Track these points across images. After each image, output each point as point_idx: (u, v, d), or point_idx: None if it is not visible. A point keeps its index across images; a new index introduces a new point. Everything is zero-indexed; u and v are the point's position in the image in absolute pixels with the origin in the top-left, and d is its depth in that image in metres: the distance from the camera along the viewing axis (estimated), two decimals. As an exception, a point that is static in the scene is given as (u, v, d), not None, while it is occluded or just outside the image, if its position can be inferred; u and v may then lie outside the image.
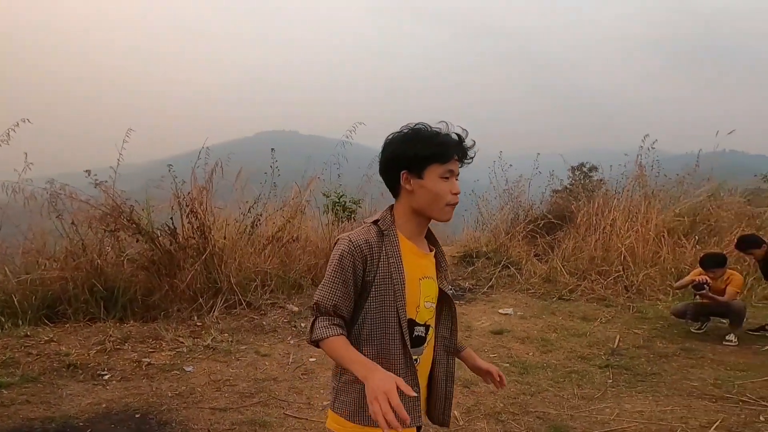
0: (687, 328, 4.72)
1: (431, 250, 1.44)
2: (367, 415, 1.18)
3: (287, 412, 3.06)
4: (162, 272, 4.87)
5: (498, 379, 1.52)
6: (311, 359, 3.94)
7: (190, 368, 3.64)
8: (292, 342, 4.35)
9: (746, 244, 4.54)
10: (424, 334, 1.38)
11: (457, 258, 7.10)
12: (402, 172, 1.33)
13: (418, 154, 1.31)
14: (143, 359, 3.73)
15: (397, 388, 1.13)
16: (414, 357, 1.35)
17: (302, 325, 4.68)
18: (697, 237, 6.55)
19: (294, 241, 6.41)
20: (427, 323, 1.39)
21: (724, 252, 5.06)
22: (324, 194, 7.54)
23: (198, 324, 4.52)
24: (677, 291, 5.40)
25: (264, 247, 5.90)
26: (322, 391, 3.37)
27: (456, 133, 1.36)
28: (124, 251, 4.93)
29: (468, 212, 8.03)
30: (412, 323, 1.35)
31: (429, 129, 1.34)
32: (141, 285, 4.82)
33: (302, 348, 4.15)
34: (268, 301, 5.26)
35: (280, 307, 5.22)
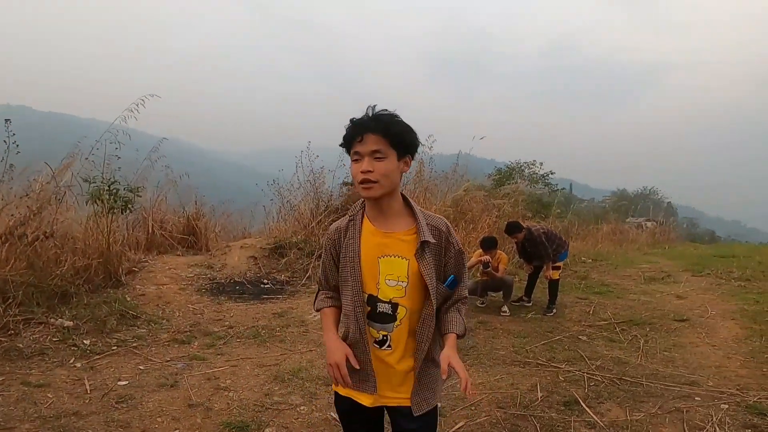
0: (475, 303, 5.72)
1: (413, 226, 1.45)
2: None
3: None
4: None
5: (464, 385, 1.37)
6: (121, 382, 3.20)
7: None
8: (79, 365, 3.42)
9: (512, 228, 5.70)
10: (390, 311, 1.45)
11: (268, 250, 6.68)
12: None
13: (342, 145, 1.44)
14: None
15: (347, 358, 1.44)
16: (382, 333, 1.47)
17: (86, 342, 3.77)
18: (462, 224, 8.05)
19: (47, 237, 4.84)
20: (394, 301, 1.45)
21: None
22: (86, 180, 5.91)
23: None
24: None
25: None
26: (159, 419, 2.76)
27: (353, 117, 1.42)
28: None
29: (273, 202, 7.65)
30: (373, 299, 1.46)
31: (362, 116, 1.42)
32: None
33: (99, 371, 3.36)
34: (18, 317, 3.93)
35: (40, 323, 3.98)
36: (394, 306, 1.45)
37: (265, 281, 6.03)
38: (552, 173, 15.96)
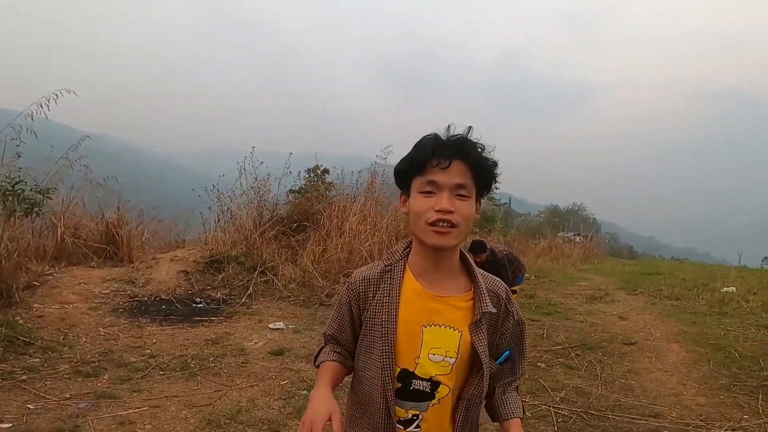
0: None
1: (470, 291, 1.17)
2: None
3: None
4: None
5: None
6: (2, 425, 2.68)
7: None
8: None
9: (476, 248, 5.31)
10: (429, 390, 1.15)
11: (202, 263, 5.97)
12: (401, 195, 1.18)
13: (403, 167, 1.14)
14: None
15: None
16: (412, 412, 1.17)
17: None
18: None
19: None
20: (436, 379, 1.15)
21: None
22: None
23: None
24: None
25: None
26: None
27: (434, 133, 1.12)
28: None
29: (211, 210, 6.93)
30: (407, 375, 1.15)
31: (435, 134, 1.12)
32: None
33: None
34: None
35: None
36: (435, 384, 1.15)
37: (198, 300, 5.34)
38: (496, 188, 16.22)
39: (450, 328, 1.14)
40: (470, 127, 1.12)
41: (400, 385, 1.16)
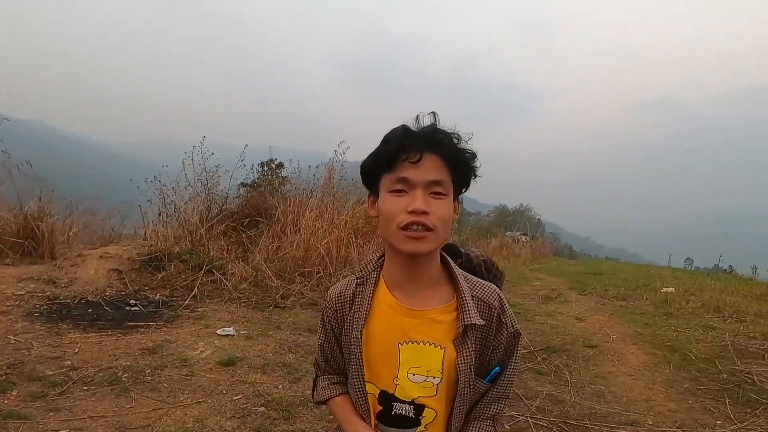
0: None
1: (453, 301, 1.03)
2: None
3: None
4: None
5: None
6: None
7: None
8: None
9: (449, 253, 5.20)
10: (412, 414, 1.03)
11: (139, 262, 5.30)
12: (369, 196, 1.06)
13: (371, 163, 1.00)
14: None
15: None
16: None
17: None
18: (374, 239, 7.42)
19: None
20: (420, 402, 1.02)
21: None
22: None
23: None
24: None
25: None
26: None
27: (402, 125, 0.97)
28: None
29: (151, 203, 6.21)
30: (387, 397, 1.04)
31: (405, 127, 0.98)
32: None
33: None
34: None
35: None
36: (419, 408, 1.02)
37: (133, 302, 4.69)
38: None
39: (431, 344, 1.00)
40: (434, 113, 0.97)
41: (381, 408, 1.05)
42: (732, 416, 3.14)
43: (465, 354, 0.99)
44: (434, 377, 1.00)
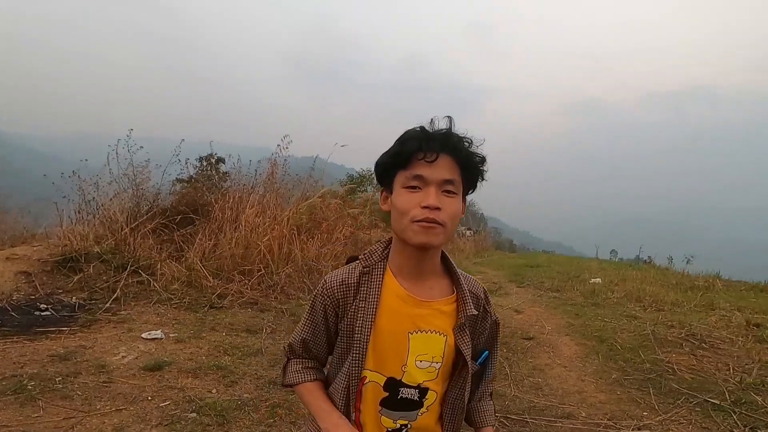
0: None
1: (452, 293, 1.12)
2: None
3: None
4: None
5: None
6: None
7: None
8: None
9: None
10: (417, 398, 1.10)
11: (52, 263, 4.74)
12: (381, 190, 1.11)
13: (387, 160, 1.05)
14: None
15: None
16: (401, 422, 1.10)
17: None
18: (318, 235, 7.19)
19: None
20: (424, 385, 1.10)
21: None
22: None
23: None
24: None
25: None
26: None
27: (420, 126, 1.03)
28: None
29: (68, 199, 5.58)
30: (394, 384, 1.08)
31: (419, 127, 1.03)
32: None
33: None
34: None
35: None
36: (423, 391, 1.10)
37: (44, 306, 4.18)
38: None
39: (435, 333, 1.09)
40: (449, 117, 1.03)
41: (387, 394, 1.10)
42: (657, 407, 3.29)
43: (465, 341, 1.09)
44: (437, 362, 1.08)
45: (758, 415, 2.99)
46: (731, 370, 3.88)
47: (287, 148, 7.24)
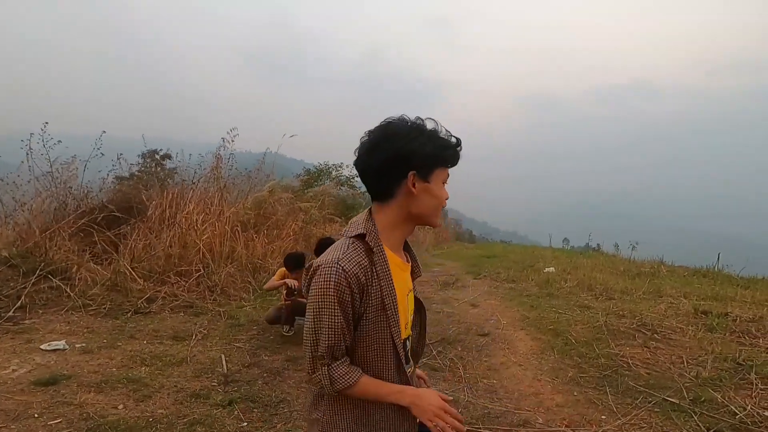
0: (279, 331, 4.46)
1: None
2: None
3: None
4: None
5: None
6: None
7: None
8: None
9: (325, 248, 4.62)
10: (410, 346, 1.33)
11: (-56, 270, 3.99)
12: (411, 173, 1.16)
13: (431, 154, 1.18)
14: None
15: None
16: (410, 371, 1.29)
17: None
18: (265, 231, 6.65)
19: None
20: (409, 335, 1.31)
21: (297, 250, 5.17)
22: None
23: None
24: (266, 292, 5.12)
25: None
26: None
27: (455, 137, 1.23)
28: None
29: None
30: (405, 342, 1.25)
31: (435, 128, 1.21)
32: None
33: None
34: None
35: None
36: (407, 339, 1.29)
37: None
38: (357, 176, 15.74)
39: (412, 291, 1.30)
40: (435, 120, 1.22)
41: (404, 351, 1.23)
42: (615, 409, 3.05)
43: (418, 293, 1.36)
44: (411, 314, 1.30)
45: (720, 416, 2.80)
46: (685, 363, 3.73)
47: (233, 141, 6.64)
